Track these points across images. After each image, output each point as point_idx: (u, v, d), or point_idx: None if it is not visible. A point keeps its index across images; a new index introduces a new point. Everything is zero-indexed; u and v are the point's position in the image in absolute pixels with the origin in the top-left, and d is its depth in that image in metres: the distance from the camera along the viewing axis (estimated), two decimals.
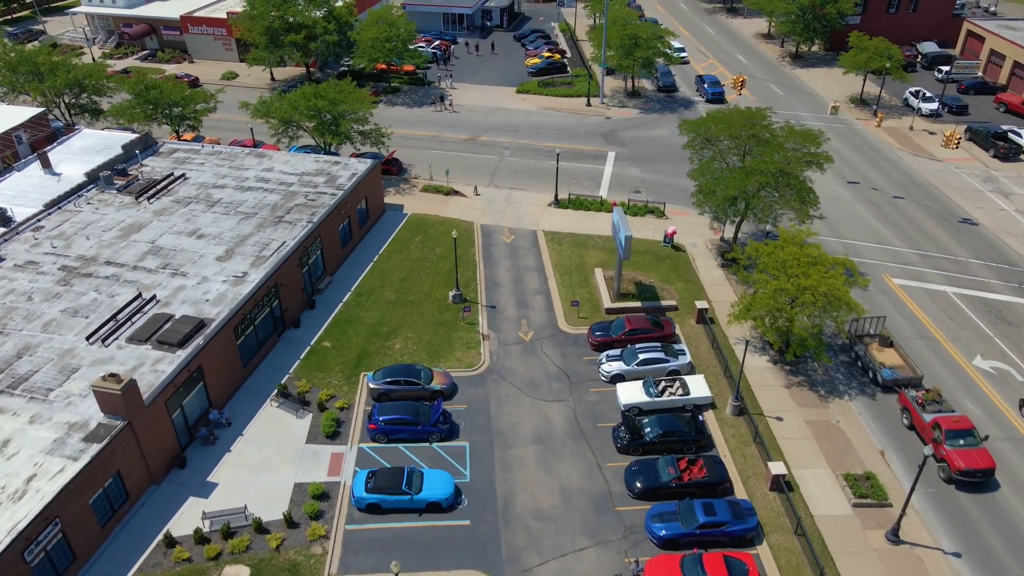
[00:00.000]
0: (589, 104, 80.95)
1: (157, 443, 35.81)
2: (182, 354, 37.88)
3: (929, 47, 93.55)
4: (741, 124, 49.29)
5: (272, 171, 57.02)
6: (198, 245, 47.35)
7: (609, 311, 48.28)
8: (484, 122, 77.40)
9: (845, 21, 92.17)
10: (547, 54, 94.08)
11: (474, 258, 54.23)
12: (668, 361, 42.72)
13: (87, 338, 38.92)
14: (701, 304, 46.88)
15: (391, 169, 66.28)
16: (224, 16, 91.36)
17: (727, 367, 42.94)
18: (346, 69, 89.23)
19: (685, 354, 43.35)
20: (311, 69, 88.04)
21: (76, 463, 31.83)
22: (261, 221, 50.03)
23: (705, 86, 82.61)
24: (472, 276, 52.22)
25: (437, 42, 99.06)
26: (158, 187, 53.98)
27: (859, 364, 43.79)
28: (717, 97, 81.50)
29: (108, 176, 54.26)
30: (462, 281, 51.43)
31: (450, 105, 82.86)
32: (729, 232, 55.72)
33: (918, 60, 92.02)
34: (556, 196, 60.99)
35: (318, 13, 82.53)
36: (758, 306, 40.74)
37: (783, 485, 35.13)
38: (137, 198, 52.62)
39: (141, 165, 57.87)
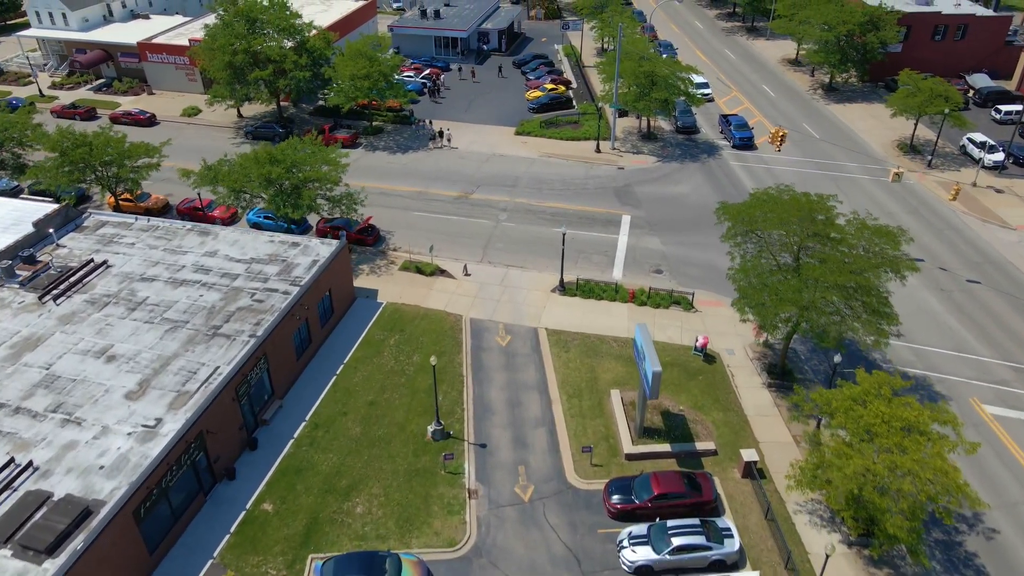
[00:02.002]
0: (599, 150, 70.56)
1: None
2: (50, 568, 27.61)
3: (981, 80, 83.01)
4: (798, 215, 38.81)
5: (215, 255, 46.64)
6: (106, 372, 36.99)
7: (630, 457, 37.93)
8: (477, 173, 66.99)
9: (885, 49, 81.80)
10: (550, 86, 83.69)
11: (460, 370, 43.88)
12: (711, 548, 32.40)
13: None
14: (748, 454, 36.50)
15: (366, 239, 55.93)
16: (186, 43, 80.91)
17: (789, 556, 32.60)
18: (323, 104, 78.86)
19: (732, 535, 33.03)
20: (284, 104, 77.73)
21: None
22: (192, 334, 39.66)
23: (732, 129, 72.16)
24: (457, 398, 41.88)
25: (427, 70, 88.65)
26: (71, 280, 43.67)
27: None
28: (746, 142, 71.09)
29: (10, 266, 43.96)
30: (446, 404, 41.19)
31: (448, 141, 72.77)
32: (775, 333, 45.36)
33: (971, 96, 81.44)
34: (561, 281, 50.61)
35: (288, 43, 72.09)
36: (833, 485, 30.41)
37: None
38: (42, 297, 42.24)
39: (57, 246, 47.57)
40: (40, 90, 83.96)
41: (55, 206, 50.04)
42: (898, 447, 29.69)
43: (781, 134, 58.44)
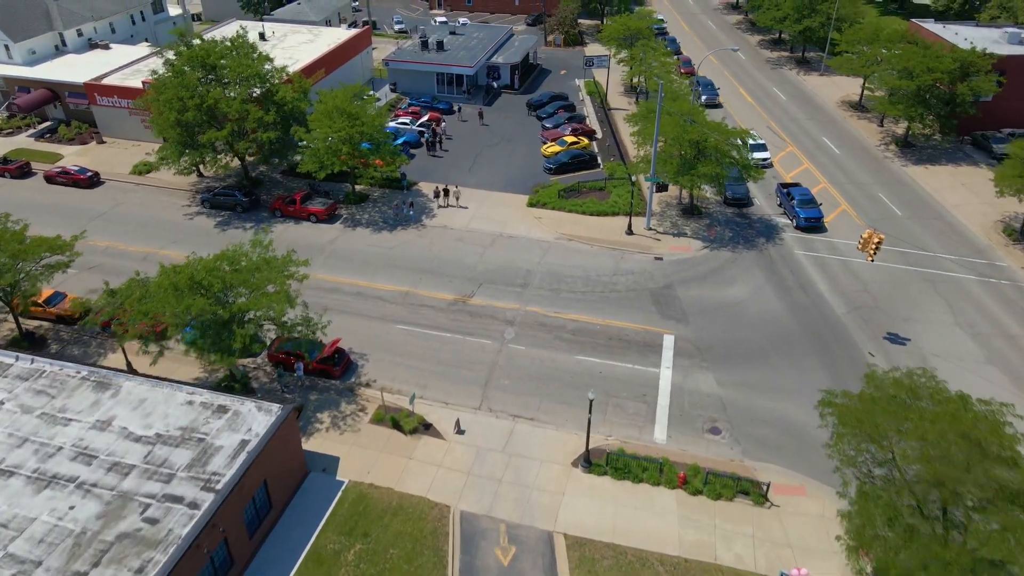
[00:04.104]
0: (631, 231, 57.11)
1: None
2: None
3: None
4: (959, 443, 25.25)
5: (109, 427, 33.76)
6: None
7: None
8: (479, 264, 53.77)
9: (977, 100, 67.86)
10: (570, 139, 70.35)
11: None
12: None
13: None
14: None
15: (331, 371, 42.94)
16: (140, 86, 68.21)
17: None
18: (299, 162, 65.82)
19: None
20: (252, 159, 64.70)
21: None
22: None
23: (795, 205, 58.39)
24: None
25: (426, 116, 75.52)
26: None
27: None
28: (813, 223, 57.39)
29: None
30: None
31: (457, 200, 60.31)
32: None
33: None
34: (587, 453, 37.35)
35: (255, 91, 59.03)
36: None
37: None
38: None
39: None
40: None
41: None
42: None
43: (876, 241, 44.46)
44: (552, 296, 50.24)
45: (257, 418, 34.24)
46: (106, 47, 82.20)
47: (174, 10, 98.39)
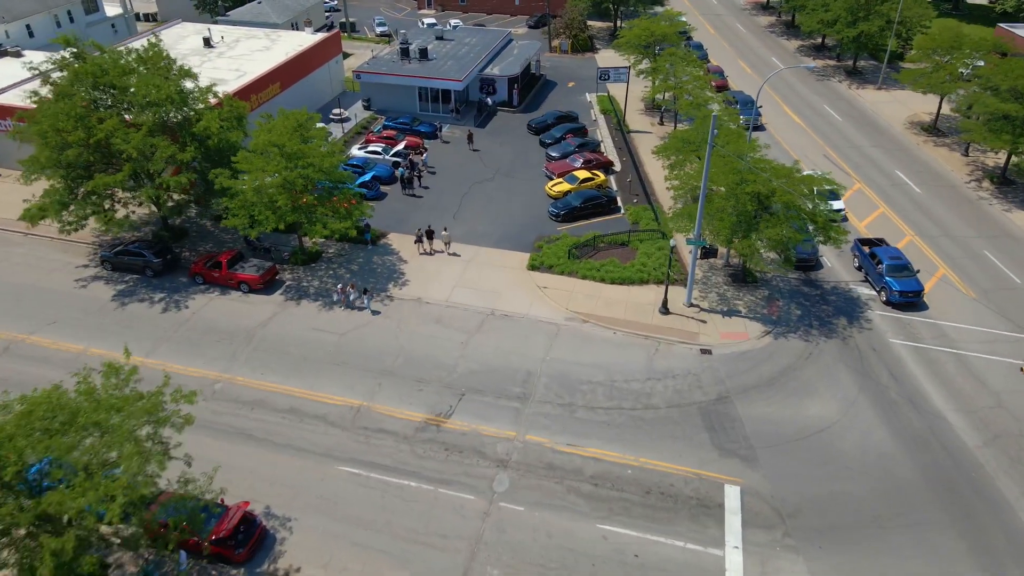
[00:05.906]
0: (666, 308, 42.63)
1: None
2: None
3: None
4: None
5: None
6: None
7: None
8: (461, 362, 39.18)
9: None
10: (582, 174, 55.88)
11: None
12: None
13: None
14: None
15: (232, 555, 28.54)
16: (31, 104, 53.55)
17: None
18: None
19: None
20: (183, 196, 49.95)
21: None
22: None
23: (882, 271, 43.85)
24: None
25: (403, 143, 61.06)
26: None
27: None
28: (911, 299, 42.93)
29: None
30: None
31: (447, 245, 46.60)
32: None
33: None
34: None
35: (177, 116, 44.53)
36: None
37: None
38: None
39: None
40: None
41: None
42: None
43: None
44: (563, 416, 35.71)
45: None
46: (17, 54, 67.69)
47: (112, 9, 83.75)
